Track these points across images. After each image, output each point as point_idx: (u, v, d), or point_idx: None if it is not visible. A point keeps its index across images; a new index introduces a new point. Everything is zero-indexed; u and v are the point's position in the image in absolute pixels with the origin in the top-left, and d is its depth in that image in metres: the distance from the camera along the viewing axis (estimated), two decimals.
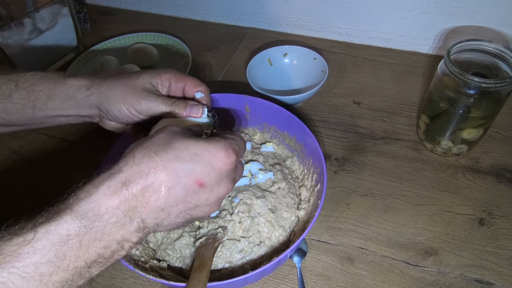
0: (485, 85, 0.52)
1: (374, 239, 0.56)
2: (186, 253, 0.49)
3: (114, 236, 0.32)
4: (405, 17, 0.78)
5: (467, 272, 0.52)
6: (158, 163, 0.34)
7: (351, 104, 0.74)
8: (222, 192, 0.38)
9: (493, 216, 0.57)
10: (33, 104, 0.46)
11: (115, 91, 0.45)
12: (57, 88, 0.46)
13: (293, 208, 0.54)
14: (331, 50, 0.85)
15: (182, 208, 0.36)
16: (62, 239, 0.30)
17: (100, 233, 0.31)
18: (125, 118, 0.46)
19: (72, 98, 0.46)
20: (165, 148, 0.35)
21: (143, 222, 0.34)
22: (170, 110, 0.45)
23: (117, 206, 0.32)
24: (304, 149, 0.58)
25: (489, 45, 0.56)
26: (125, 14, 1.02)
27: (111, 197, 0.32)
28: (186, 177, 0.35)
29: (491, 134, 0.66)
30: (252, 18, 0.92)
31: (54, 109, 0.46)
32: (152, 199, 0.33)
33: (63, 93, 0.46)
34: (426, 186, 0.61)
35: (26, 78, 0.46)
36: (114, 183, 0.32)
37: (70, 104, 0.46)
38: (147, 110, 0.45)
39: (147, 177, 0.33)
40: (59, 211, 0.31)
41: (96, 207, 0.31)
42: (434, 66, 0.79)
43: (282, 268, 0.54)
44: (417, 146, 0.66)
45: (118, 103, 0.45)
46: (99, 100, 0.46)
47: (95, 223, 0.31)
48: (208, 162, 0.35)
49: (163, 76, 0.48)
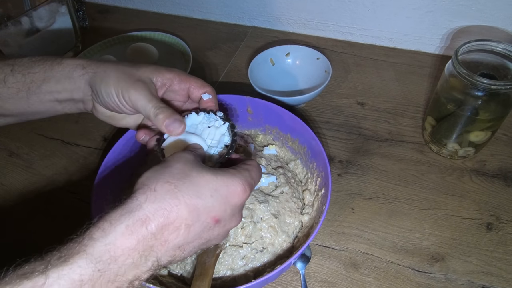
0: (494, 87, 0.50)
1: (379, 244, 0.54)
2: (187, 259, 0.48)
3: (127, 276, 0.31)
4: (410, 16, 0.77)
5: (474, 278, 0.51)
6: (180, 200, 0.32)
7: (355, 105, 0.73)
8: (232, 226, 0.38)
9: (501, 221, 0.56)
10: (28, 87, 0.44)
11: (109, 74, 0.43)
12: (53, 68, 0.45)
13: (296, 213, 0.52)
14: (334, 49, 0.84)
15: (197, 244, 0.35)
16: (74, 285, 0.28)
17: (114, 275, 0.30)
18: (112, 105, 0.44)
19: (67, 78, 0.44)
20: (186, 182, 0.33)
21: (158, 261, 0.32)
22: (154, 114, 0.42)
23: (134, 247, 0.30)
24: (308, 152, 0.56)
25: (498, 45, 0.54)
26: (124, 12, 1.00)
27: (129, 237, 0.30)
28: (205, 214, 0.34)
29: (499, 137, 0.65)
30: (254, 16, 0.90)
31: (49, 92, 0.45)
32: (171, 238, 0.32)
33: (59, 73, 0.45)
34: (432, 190, 0.60)
35: (22, 62, 0.45)
36: (132, 221, 0.31)
37: (65, 86, 0.45)
38: (134, 102, 0.42)
39: (169, 215, 0.32)
40: (72, 254, 0.29)
41: (113, 249, 0.30)
42: (439, 66, 0.77)
43: (285, 275, 0.52)
44: (422, 148, 0.65)
45: (109, 86, 0.43)
46: (93, 79, 0.44)
47: (110, 266, 0.29)
48: (226, 199, 0.35)
49: (166, 75, 0.45)
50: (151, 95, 0.43)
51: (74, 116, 0.74)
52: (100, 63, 0.45)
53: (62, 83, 0.45)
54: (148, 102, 0.42)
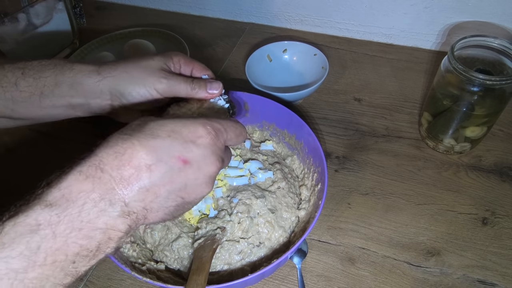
0: (490, 82, 0.51)
1: (376, 239, 0.55)
2: (184, 254, 0.48)
3: (95, 223, 0.29)
4: (407, 12, 0.77)
5: (470, 272, 0.51)
6: (134, 142, 0.32)
7: (352, 101, 0.73)
8: (211, 170, 0.35)
9: (497, 216, 0.56)
10: (41, 91, 0.44)
11: (132, 73, 0.44)
12: (64, 73, 0.44)
13: (293, 208, 0.53)
14: (332, 45, 0.84)
15: (171, 189, 0.33)
16: (32, 229, 0.27)
17: (78, 221, 0.28)
18: (143, 100, 0.45)
19: (80, 84, 0.44)
20: (139, 129, 0.33)
21: (127, 206, 0.31)
22: (191, 88, 0.45)
23: (91, 189, 0.29)
24: (305, 147, 0.57)
25: (493, 41, 0.54)
26: (122, 9, 1.00)
27: (84, 181, 0.29)
28: (166, 154, 0.32)
29: (495, 132, 0.65)
30: (251, 13, 0.90)
31: (61, 96, 0.45)
32: (132, 179, 0.31)
33: (71, 79, 0.44)
34: (428, 185, 0.60)
35: (32, 65, 0.45)
36: (86, 167, 0.30)
37: (78, 91, 0.45)
38: (169, 89, 0.45)
39: (122, 157, 0.31)
40: (28, 203, 0.29)
41: (67, 193, 0.29)
42: (436, 62, 0.78)
43: (282, 269, 0.53)
44: (419, 144, 0.65)
45: (138, 85, 0.44)
46: (114, 83, 0.44)
47: (68, 210, 0.28)
48: (187, 138, 0.33)
49: (174, 58, 0.48)
50: (177, 77, 0.46)
51: None
52: (113, 65, 0.45)
53: (75, 88, 0.45)
54: (182, 83, 0.46)
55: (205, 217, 0.52)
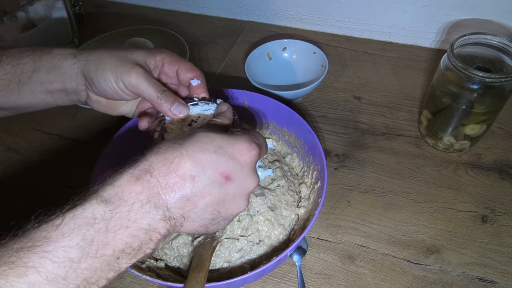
0: (489, 80, 0.51)
1: (375, 237, 0.55)
2: (184, 252, 0.48)
3: (140, 223, 0.31)
4: (406, 10, 0.77)
5: (469, 270, 0.51)
6: (183, 152, 0.33)
7: (352, 99, 0.73)
8: (249, 188, 0.37)
9: (496, 213, 0.56)
10: (19, 79, 0.44)
11: (105, 60, 0.43)
12: (42, 58, 0.44)
13: (293, 206, 0.53)
14: (331, 44, 0.84)
15: (209, 201, 0.35)
16: (88, 222, 0.29)
17: (126, 219, 0.30)
18: (111, 91, 0.44)
19: (57, 67, 0.44)
20: (189, 140, 0.34)
21: (169, 211, 0.33)
22: (157, 98, 0.43)
23: (140, 191, 0.31)
24: (304, 145, 0.57)
25: (493, 38, 0.54)
26: (121, 7, 1.00)
27: (135, 182, 0.32)
28: (211, 168, 0.34)
29: (494, 130, 0.65)
30: (251, 11, 0.90)
31: (40, 82, 0.45)
32: (176, 187, 0.33)
33: (49, 63, 0.44)
34: (428, 183, 0.60)
35: (11, 53, 0.45)
36: (138, 170, 0.32)
37: (56, 76, 0.44)
38: (135, 86, 0.43)
39: (171, 165, 0.33)
40: (86, 197, 0.31)
41: (120, 192, 0.31)
42: (436, 60, 0.78)
43: (281, 267, 0.53)
44: (418, 142, 0.65)
45: (106, 72, 0.43)
46: (86, 67, 0.43)
47: (120, 208, 0.30)
48: (232, 155, 0.35)
49: (158, 56, 0.46)
50: (151, 78, 0.44)
51: (71, 111, 0.74)
52: (91, 51, 0.45)
53: (53, 73, 0.44)
54: (150, 86, 0.43)
55: None
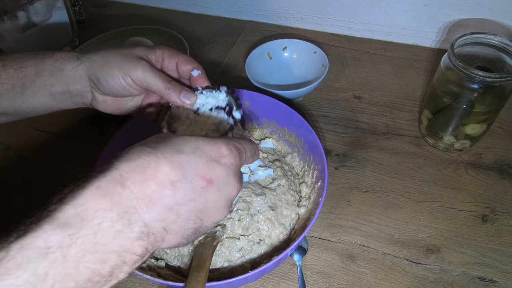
0: (490, 80, 0.51)
1: (376, 236, 0.55)
2: (185, 251, 0.48)
3: (110, 246, 0.26)
4: (407, 9, 0.77)
5: (469, 269, 0.51)
6: (158, 156, 0.29)
7: (352, 98, 0.73)
8: (231, 193, 0.34)
9: (496, 213, 0.56)
10: (22, 82, 0.44)
11: (110, 58, 0.43)
12: (45, 62, 0.44)
13: (293, 206, 0.53)
14: (332, 43, 0.84)
15: (192, 208, 0.31)
16: (40, 253, 0.24)
17: (92, 244, 0.26)
18: (118, 88, 0.44)
19: (60, 70, 0.44)
20: (163, 143, 0.31)
21: (147, 226, 0.28)
22: (165, 88, 0.44)
23: (109, 208, 0.27)
24: (305, 145, 0.57)
25: (493, 38, 0.54)
26: (122, 7, 1.00)
27: (101, 198, 0.27)
28: (191, 171, 0.30)
29: (494, 129, 0.65)
30: (251, 11, 0.90)
31: (43, 85, 0.44)
32: (155, 196, 0.28)
33: (51, 66, 0.44)
34: (428, 182, 0.60)
35: (13, 57, 0.45)
36: (105, 181, 0.27)
37: (59, 78, 0.44)
38: (143, 79, 0.43)
39: (146, 171, 0.28)
40: (38, 221, 0.25)
41: (83, 212, 0.26)
42: (436, 60, 0.78)
43: (282, 266, 0.53)
44: (419, 141, 0.65)
45: (113, 69, 0.43)
46: (91, 68, 0.43)
47: (82, 231, 0.25)
48: (211, 157, 0.32)
49: (157, 51, 0.47)
50: (156, 70, 0.44)
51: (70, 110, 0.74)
52: (94, 52, 0.45)
53: (56, 75, 0.44)
54: (157, 78, 0.44)
55: None
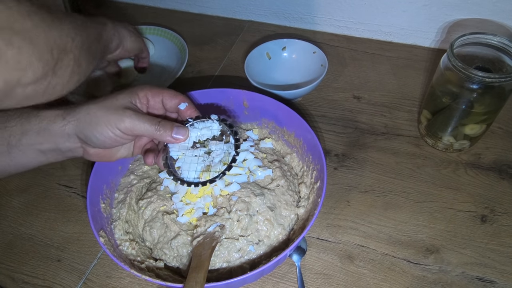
0: (489, 80, 0.51)
1: (375, 237, 0.55)
2: (183, 252, 0.48)
3: None
4: (406, 9, 0.77)
5: (469, 270, 0.51)
6: None
7: (351, 98, 0.73)
8: None
9: (496, 213, 0.56)
10: (8, 141, 0.44)
11: (95, 114, 0.43)
12: (30, 121, 0.44)
13: (292, 206, 0.53)
14: (331, 43, 0.84)
15: None
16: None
17: None
18: (109, 141, 0.44)
19: (47, 130, 0.44)
20: None
21: None
22: (156, 130, 0.44)
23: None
24: (304, 145, 0.57)
25: (493, 38, 0.54)
26: (121, 6, 1.00)
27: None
28: None
29: (493, 130, 0.65)
30: (250, 10, 0.90)
31: (30, 144, 0.44)
32: None
33: (37, 126, 0.44)
34: (428, 183, 0.60)
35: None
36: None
37: (47, 137, 0.44)
38: (131, 128, 0.43)
39: None
40: None
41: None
42: (435, 60, 0.78)
43: (281, 267, 0.53)
44: (418, 141, 0.65)
45: (100, 125, 0.43)
46: (78, 127, 0.43)
47: None
48: None
49: (140, 93, 0.46)
50: (143, 115, 0.44)
51: None
52: (77, 107, 0.44)
53: (43, 135, 0.44)
54: (145, 123, 0.44)
55: (204, 215, 0.51)
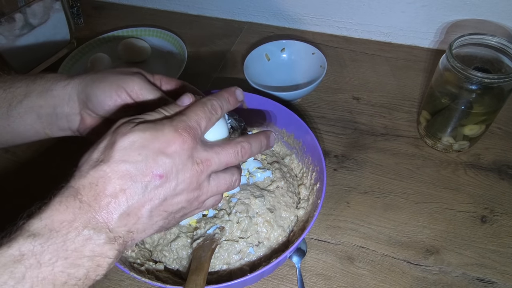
0: (488, 81, 0.51)
1: (375, 238, 0.55)
2: (183, 254, 0.48)
3: (81, 252, 0.29)
4: (405, 10, 0.77)
5: (469, 271, 0.51)
6: (106, 171, 0.31)
7: (350, 99, 0.73)
8: (190, 175, 0.34)
9: (495, 214, 0.56)
10: (9, 103, 0.43)
11: (102, 73, 0.41)
12: (35, 82, 0.43)
13: (292, 208, 0.52)
14: (330, 44, 0.84)
15: (151, 207, 0.32)
16: (15, 259, 0.27)
17: (63, 250, 0.28)
18: (110, 103, 0.40)
19: (49, 90, 0.42)
20: (109, 152, 0.32)
21: (112, 232, 0.31)
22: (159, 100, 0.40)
23: (73, 219, 0.29)
24: (303, 146, 0.56)
25: (492, 39, 0.54)
26: (119, 8, 1.00)
27: (65, 211, 0.29)
28: (140, 175, 0.32)
29: (493, 130, 0.65)
30: (249, 12, 0.90)
31: (30, 106, 0.43)
32: (111, 207, 0.31)
33: (41, 86, 0.43)
34: (427, 183, 0.60)
35: (5, 79, 0.44)
36: (65, 197, 0.30)
37: (47, 99, 0.42)
38: (139, 92, 0.40)
39: (97, 187, 0.31)
40: (10, 235, 0.28)
41: (50, 223, 0.29)
42: (434, 61, 0.78)
43: (281, 268, 0.53)
44: (417, 142, 0.65)
45: (105, 83, 0.40)
46: (81, 84, 0.41)
47: (52, 240, 0.28)
48: (158, 151, 0.32)
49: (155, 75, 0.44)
50: (151, 85, 0.41)
51: None
52: (86, 73, 0.43)
53: (44, 96, 0.43)
54: (154, 90, 0.41)
55: (203, 217, 0.51)
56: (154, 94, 0.40)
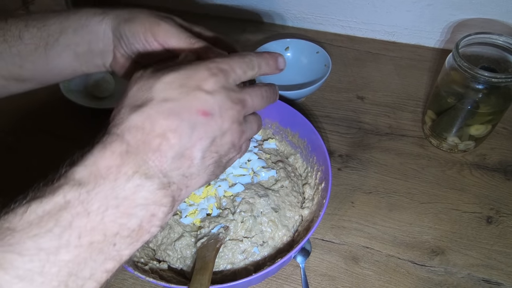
0: (495, 80, 0.50)
1: (380, 238, 0.54)
2: (187, 253, 0.48)
3: (133, 200, 0.27)
4: (410, 9, 0.76)
5: (475, 272, 0.51)
6: (149, 112, 0.29)
7: (355, 99, 0.73)
8: (232, 114, 0.31)
9: (501, 214, 0.56)
10: (46, 42, 0.42)
11: (135, 12, 0.40)
12: (69, 18, 0.42)
13: (296, 207, 0.52)
14: (334, 43, 0.83)
15: (203, 147, 0.30)
16: (60, 206, 0.25)
17: (112, 198, 0.26)
18: (138, 47, 0.40)
19: (85, 26, 0.41)
20: (147, 96, 0.30)
21: (166, 177, 0.28)
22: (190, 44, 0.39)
23: (120, 164, 0.27)
24: (308, 146, 0.56)
25: (498, 38, 0.54)
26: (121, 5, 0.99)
27: (110, 157, 0.27)
28: (185, 112, 0.29)
29: (499, 130, 0.65)
30: (253, 10, 0.89)
31: (66, 44, 0.42)
32: (162, 148, 0.28)
33: (76, 23, 0.42)
34: (432, 184, 0.60)
35: (36, 16, 0.43)
36: (108, 143, 0.28)
37: (83, 36, 0.41)
38: (165, 35, 0.39)
39: (143, 130, 0.28)
40: (52, 183, 0.26)
41: (95, 170, 0.26)
42: (440, 60, 0.77)
43: (285, 268, 0.52)
44: (422, 142, 0.65)
45: (135, 24, 0.39)
46: (115, 21, 0.40)
47: (99, 187, 0.26)
48: (197, 88, 0.30)
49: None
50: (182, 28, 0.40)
51: (73, 108, 0.74)
52: (123, 8, 0.42)
53: (80, 33, 0.42)
54: (181, 33, 0.39)
55: (207, 216, 0.51)
56: (181, 35, 0.38)
